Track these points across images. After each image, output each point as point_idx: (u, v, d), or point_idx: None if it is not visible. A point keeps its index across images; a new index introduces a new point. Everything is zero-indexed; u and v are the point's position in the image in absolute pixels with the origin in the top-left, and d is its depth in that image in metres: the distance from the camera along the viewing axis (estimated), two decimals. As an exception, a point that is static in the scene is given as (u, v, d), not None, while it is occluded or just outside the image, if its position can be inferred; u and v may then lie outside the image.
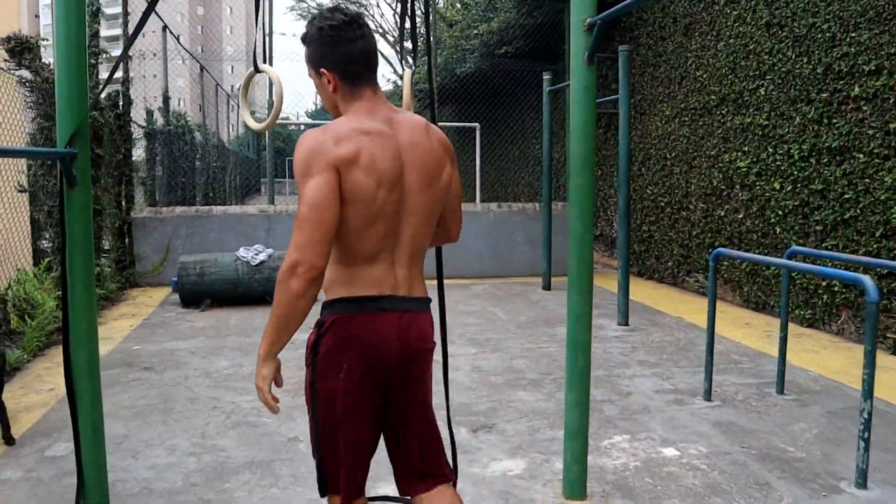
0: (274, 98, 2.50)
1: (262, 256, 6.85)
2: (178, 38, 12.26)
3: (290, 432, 3.58)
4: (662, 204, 8.15)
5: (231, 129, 22.70)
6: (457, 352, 5.13)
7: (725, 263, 6.95)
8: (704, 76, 7.25)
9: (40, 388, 4.32)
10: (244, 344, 5.40)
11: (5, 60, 6.09)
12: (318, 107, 30.59)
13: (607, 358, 4.99)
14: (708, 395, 4.05)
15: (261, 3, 2.53)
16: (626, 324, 5.99)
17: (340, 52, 1.80)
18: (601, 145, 9.71)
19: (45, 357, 5.07)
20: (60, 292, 2.73)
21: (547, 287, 7.72)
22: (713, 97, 7.09)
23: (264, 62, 2.62)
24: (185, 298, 6.79)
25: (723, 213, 6.95)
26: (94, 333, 2.47)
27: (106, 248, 7.65)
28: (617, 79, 9.27)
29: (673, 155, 7.90)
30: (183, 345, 5.40)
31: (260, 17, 2.58)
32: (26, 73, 6.19)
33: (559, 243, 8.39)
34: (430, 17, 2.65)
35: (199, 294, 6.77)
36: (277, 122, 2.54)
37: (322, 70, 1.82)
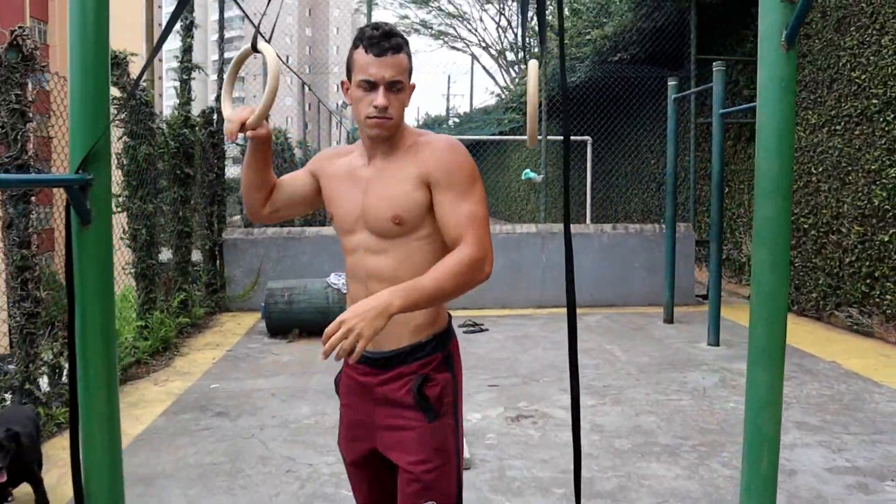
0: (267, 87, 1.83)
1: (354, 283, 6.29)
2: (286, 59, 12.08)
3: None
4: (806, 226, 7.09)
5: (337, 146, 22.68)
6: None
7: (889, 297, 5.87)
8: (863, 77, 6.20)
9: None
10: (329, 386, 4.81)
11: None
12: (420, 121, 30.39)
13: (761, 420, 4.10)
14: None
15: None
16: (775, 371, 5.04)
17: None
18: (730, 158, 8.71)
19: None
20: (68, 364, 2.13)
21: (669, 320, 6.81)
22: (875, 101, 6.04)
23: (268, 41, 1.99)
24: (271, 328, 6.32)
25: (887, 238, 5.87)
26: (115, 411, 1.86)
27: (196, 271, 7.31)
28: (749, 84, 8.30)
29: (820, 170, 6.84)
30: (264, 384, 4.87)
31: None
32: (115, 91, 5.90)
33: (682, 270, 7.47)
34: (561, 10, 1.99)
35: (286, 323, 6.28)
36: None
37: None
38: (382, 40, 1.79)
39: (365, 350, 1.66)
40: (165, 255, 6.60)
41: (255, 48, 1.89)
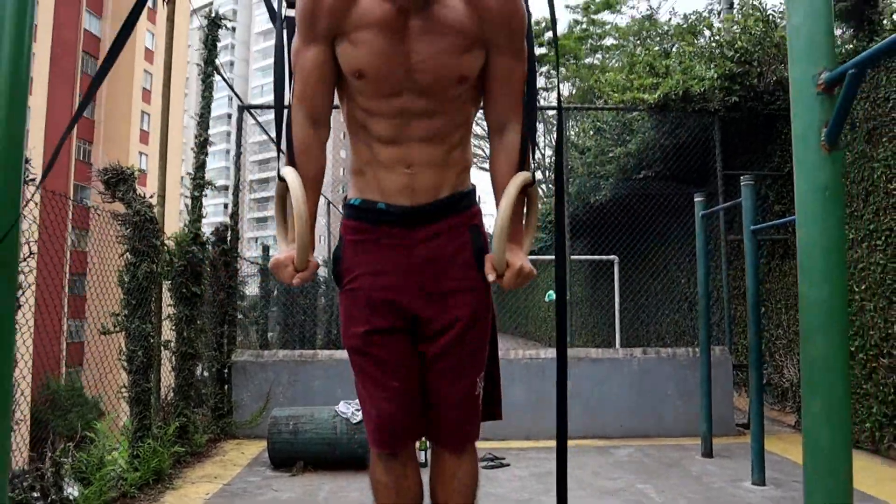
0: (296, 222, 1.53)
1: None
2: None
3: None
4: (852, 349, 6.55)
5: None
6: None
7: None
8: (902, 191, 5.87)
9: None
10: (327, 530, 4.32)
11: (101, 193, 5.70)
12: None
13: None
14: None
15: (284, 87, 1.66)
16: (831, 519, 4.43)
17: None
18: (764, 276, 8.29)
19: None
20: None
21: (708, 454, 6.21)
22: (917, 216, 5.67)
23: (288, 163, 1.73)
24: (275, 459, 5.86)
25: (945, 364, 5.35)
26: None
27: (202, 394, 6.95)
28: (779, 199, 8.00)
29: (863, 287, 6.39)
30: (255, 527, 4.39)
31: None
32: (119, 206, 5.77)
33: (720, 397, 6.91)
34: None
35: (291, 455, 5.82)
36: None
37: None
38: None
39: (393, 205, 1.71)
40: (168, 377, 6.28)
41: (280, 177, 1.67)
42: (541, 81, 23.76)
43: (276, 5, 1.80)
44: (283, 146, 1.79)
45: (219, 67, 6.90)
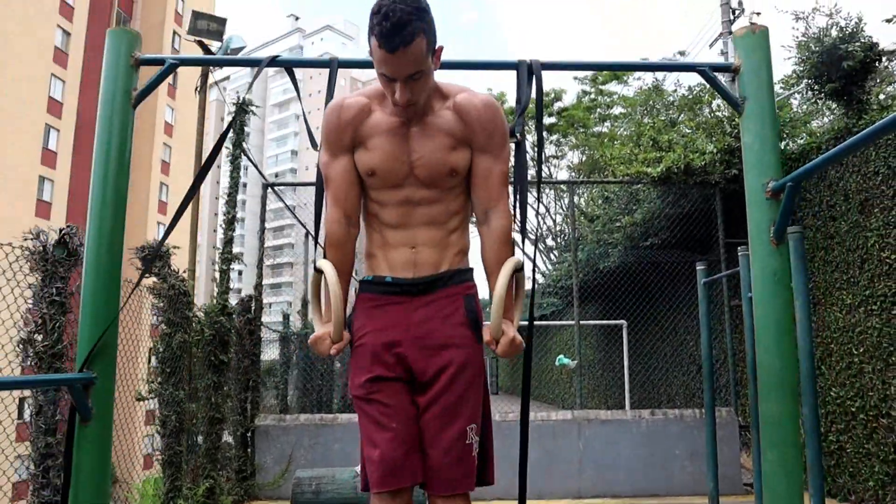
0: (332, 305, 1.90)
1: (383, 472, 6.11)
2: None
3: None
4: (853, 409, 6.79)
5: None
6: None
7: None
8: (893, 257, 6.19)
9: None
10: (351, 585, 4.56)
11: (137, 269, 6.11)
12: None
13: None
14: None
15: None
16: (832, 574, 4.63)
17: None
18: (768, 341, 8.54)
19: None
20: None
21: (716, 512, 6.38)
22: (907, 282, 5.98)
23: (324, 257, 2.12)
24: (298, 519, 6.10)
25: (940, 425, 5.58)
26: None
27: (226, 457, 7.22)
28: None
29: (861, 350, 6.66)
30: (283, 583, 4.63)
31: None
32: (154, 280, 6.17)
33: (727, 457, 7.13)
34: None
35: (313, 514, 6.06)
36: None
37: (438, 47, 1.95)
38: (393, 36, 1.80)
39: (399, 278, 2.05)
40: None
41: (317, 269, 2.05)
42: (550, 149, 24.40)
43: (316, 137, 2.23)
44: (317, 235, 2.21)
45: (246, 151, 7.40)
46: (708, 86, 2.12)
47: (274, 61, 2.04)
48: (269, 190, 8.53)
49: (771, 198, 1.90)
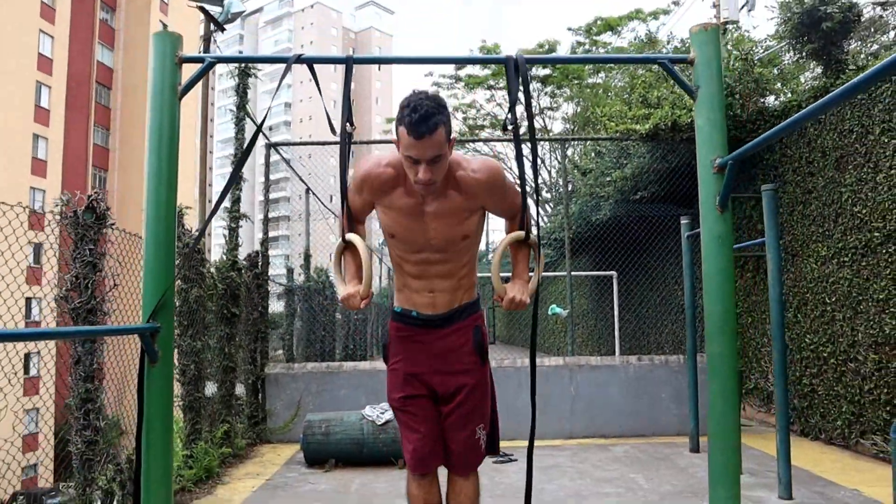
0: (364, 274, 2.31)
1: (388, 415, 6.60)
2: (330, 199, 12.92)
3: None
4: (825, 354, 7.26)
5: (378, 281, 23.38)
6: (592, 530, 4.53)
7: (911, 424, 5.95)
8: (864, 212, 6.58)
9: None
10: (361, 513, 5.06)
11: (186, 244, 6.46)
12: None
13: (772, 545, 4.22)
14: None
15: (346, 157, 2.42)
16: (790, 497, 5.13)
17: None
18: (751, 290, 8.99)
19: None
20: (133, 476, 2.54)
21: (695, 449, 6.92)
22: (877, 234, 6.38)
23: (350, 230, 2.51)
24: (309, 458, 6.60)
25: (902, 366, 6.04)
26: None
27: (238, 403, 7.69)
28: (762, 219, 8.70)
29: (833, 299, 7.11)
30: (299, 512, 5.13)
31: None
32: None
33: (707, 398, 7.62)
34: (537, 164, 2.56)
35: (324, 454, 6.56)
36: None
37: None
38: (420, 125, 2.22)
39: (422, 314, 2.62)
40: (210, 388, 7.02)
41: (344, 240, 2.47)
42: (545, 101, 24.59)
43: (335, 124, 2.60)
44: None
45: (249, 113, 7.70)
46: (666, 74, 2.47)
47: (299, 59, 2.38)
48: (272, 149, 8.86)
49: (717, 172, 2.28)
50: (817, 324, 7.44)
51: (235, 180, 2.58)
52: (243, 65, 7.66)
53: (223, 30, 10.72)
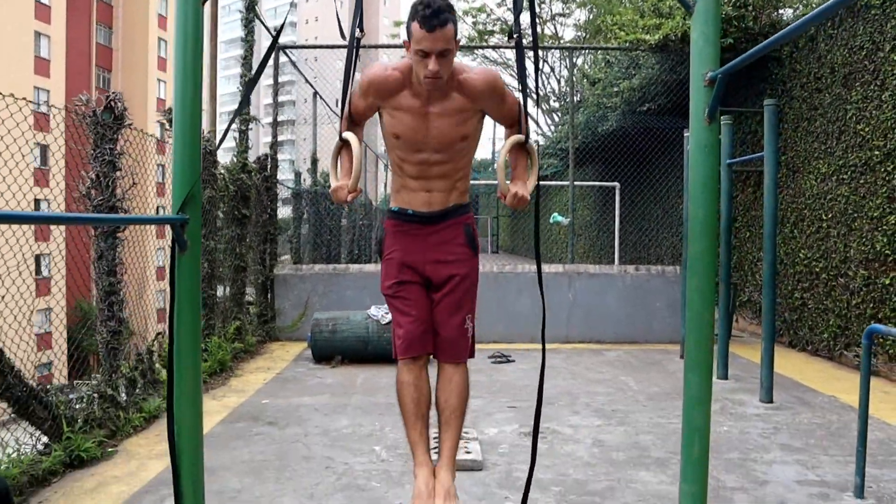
0: (353, 167, 2.50)
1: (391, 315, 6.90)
2: (336, 103, 12.89)
3: (397, 498, 3.48)
4: (817, 269, 7.49)
5: (383, 188, 23.51)
6: (580, 423, 4.87)
7: (891, 338, 6.23)
8: (866, 130, 6.66)
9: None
10: (367, 403, 5.41)
11: (166, 130, 6.61)
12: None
13: (744, 439, 4.54)
14: (860, 492, 3.54)
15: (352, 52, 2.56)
16: (770, 401, 5.45)
17: None
18: (750, 205, 9.15)
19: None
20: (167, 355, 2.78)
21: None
22: (877, 153, 6.48)
23: (348, 128, 2.66)
24: (317, 355, 6.95)
25: (888, 282, 6.27)
26: (199, 395, 2.49)
27: (249, 301, 8.02)
28: (767, 135, 8.77)
29: (830, 216, 7.27)
30: (309, 401, 5.48)
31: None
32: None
33: (686, 295, 7.89)
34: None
35: (330, 350, 6.90)
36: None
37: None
38: (432, 18, 2.40)
39: (418, 211, 2.76)
40: (221, 290, 7.32)
41: (342, 139, 2.62)
42: (557, 7, 24.06)
43: (344, 28, 2.71)
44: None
45: (258, 13, 7.68)
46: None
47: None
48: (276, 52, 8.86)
49: (707, 85, 2.40)
50: (812, 240, 7.63)
51: (254, 86, 2.72)
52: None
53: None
